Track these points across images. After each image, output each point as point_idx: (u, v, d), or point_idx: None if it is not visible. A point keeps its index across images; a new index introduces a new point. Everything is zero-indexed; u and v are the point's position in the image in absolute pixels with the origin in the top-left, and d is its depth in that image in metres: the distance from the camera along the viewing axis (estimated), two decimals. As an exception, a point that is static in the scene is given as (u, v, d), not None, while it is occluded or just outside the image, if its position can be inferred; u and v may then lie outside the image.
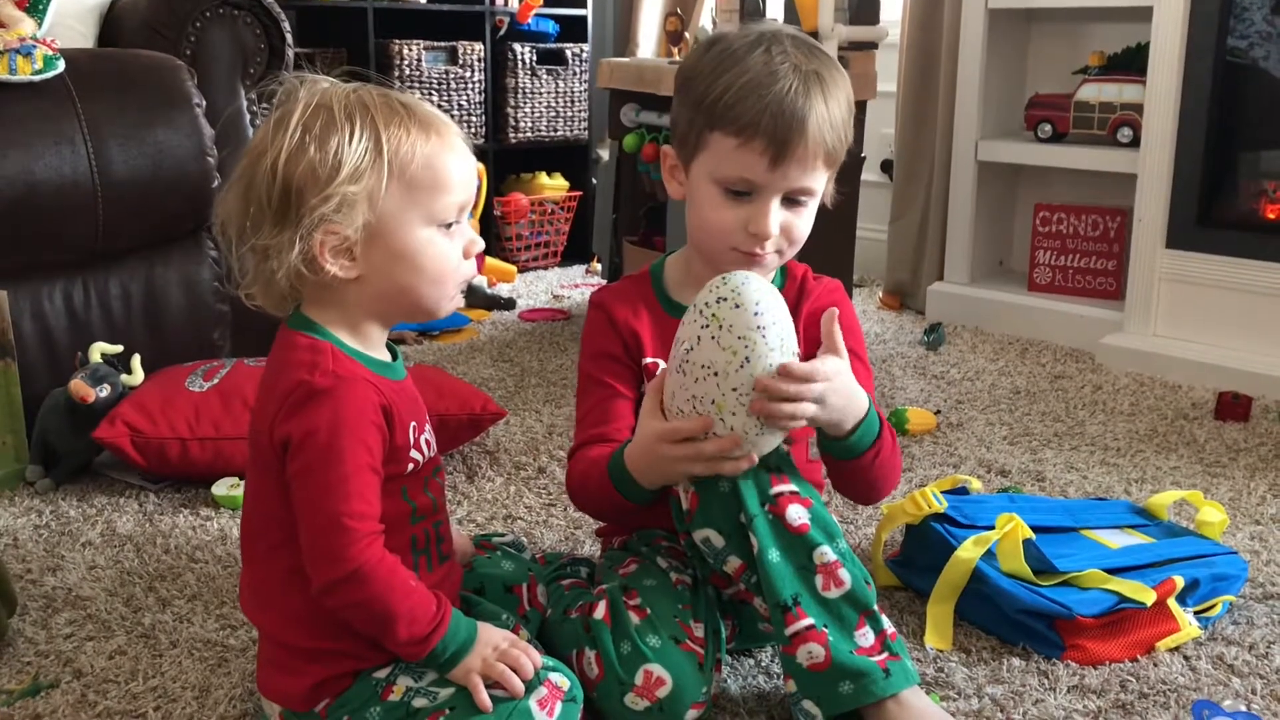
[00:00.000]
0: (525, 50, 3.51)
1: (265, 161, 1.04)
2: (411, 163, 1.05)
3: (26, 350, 1.90)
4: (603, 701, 1.17)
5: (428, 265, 1.08)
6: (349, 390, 1.04)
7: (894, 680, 1.14)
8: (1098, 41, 2.84)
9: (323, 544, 1.02)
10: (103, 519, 1.70)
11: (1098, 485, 1.88)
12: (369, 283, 1.07)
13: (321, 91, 1.06)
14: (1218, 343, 2.47)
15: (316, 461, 1.02)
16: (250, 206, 1.05)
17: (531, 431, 2.09)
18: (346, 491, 1.02)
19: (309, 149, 1.03)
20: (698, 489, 1.17)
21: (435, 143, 1.07)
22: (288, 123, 1.04)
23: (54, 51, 1.92)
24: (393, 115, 1.06)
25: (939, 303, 2.99)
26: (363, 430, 1.04)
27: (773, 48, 1.23)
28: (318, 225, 1.03)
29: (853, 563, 1.17)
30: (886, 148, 3.32)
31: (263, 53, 2.21)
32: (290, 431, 1.03)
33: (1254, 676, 1.31)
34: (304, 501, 1.03)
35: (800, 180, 1.23)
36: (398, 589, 1.03)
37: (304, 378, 1.04)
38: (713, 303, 1.12)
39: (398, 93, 1.10)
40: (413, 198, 1.06)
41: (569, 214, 3.64)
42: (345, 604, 1.03)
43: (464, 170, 1.09)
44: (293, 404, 1.03)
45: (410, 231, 1.06)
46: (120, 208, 1.94)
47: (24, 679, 1.28)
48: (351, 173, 1.03)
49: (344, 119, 1.04)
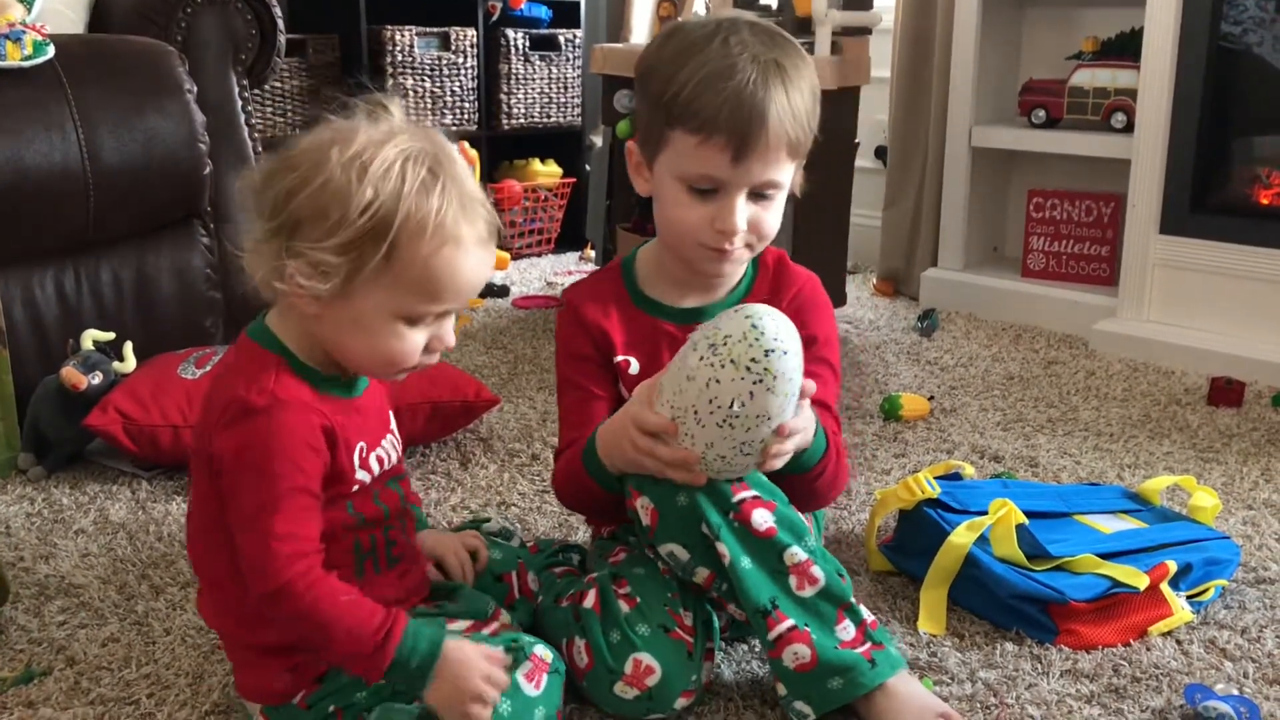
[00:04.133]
0: (518, 36, 3.49)
1: (289, 177, 1.00)
2: (411, 265, 1.00)
3: (18, 337, 1.89)
4: (592, 690, 1.17)
5: (380, 347, 1.04)
6: (284, 412, 1.01)
7: (880, 670, 1.14)
8: (1091, 27, 2.83)
9: (251, 560, 1.01)
10: (95, 506, 1.69)
11: (1091, 471, 1.88)
12: (324, 325, 1.04)
13: (377, 139, 1.01)
14: (1211, 328, 2.47)
15: (247, 481, 1.01)
16: (261, 197, 1.02)
17: (525, 418, 2.09)
18: (275, 512, 1.00)
19: (324, 193, 0.99)
20: (656, 504, 1.17)
21: (449, 251, 1.01)
22: (326, 153, 0.99)
23: (44, 37, 1.91)
24: (422, 205, 1.00)
25: (933, 289, 2.99)
26: (294, 452, 1.01)
27: (730, 37, 1.19)
28: (296, 259, 1.00)
29: (824, 559, 1.17)
30: (880, 134, 3.31)
31: (254, 39, 2.20)
32: (222, 447, 1.01)
33: (1246, 660, 1.31)
34: (235, 518, 1.02)
35: (764, 174, 1.21)
36: (331, 606, 1.00)
37: (240, 394, 1.01)
38: (732, 322, 1.10)
39: (453, 164, 1.04)
40: (395, 291, 1.01)
41: (562, 201, 3.64)
42: (280, 617, 1.02)
43: (467, 282, 1.04)
44: (228, 420, 1.01)
45: (377, 313, 1.02)
46: (111, 194, 1.93)
47: (17, 667, 1.28)
48: (344, 244, 0.98)
49: (374, 183, 0.98)
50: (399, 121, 1.04)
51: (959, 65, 2.88)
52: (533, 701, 1.07)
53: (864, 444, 1.98)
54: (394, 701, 1.07)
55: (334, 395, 1.07)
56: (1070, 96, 2.74)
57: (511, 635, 1.12)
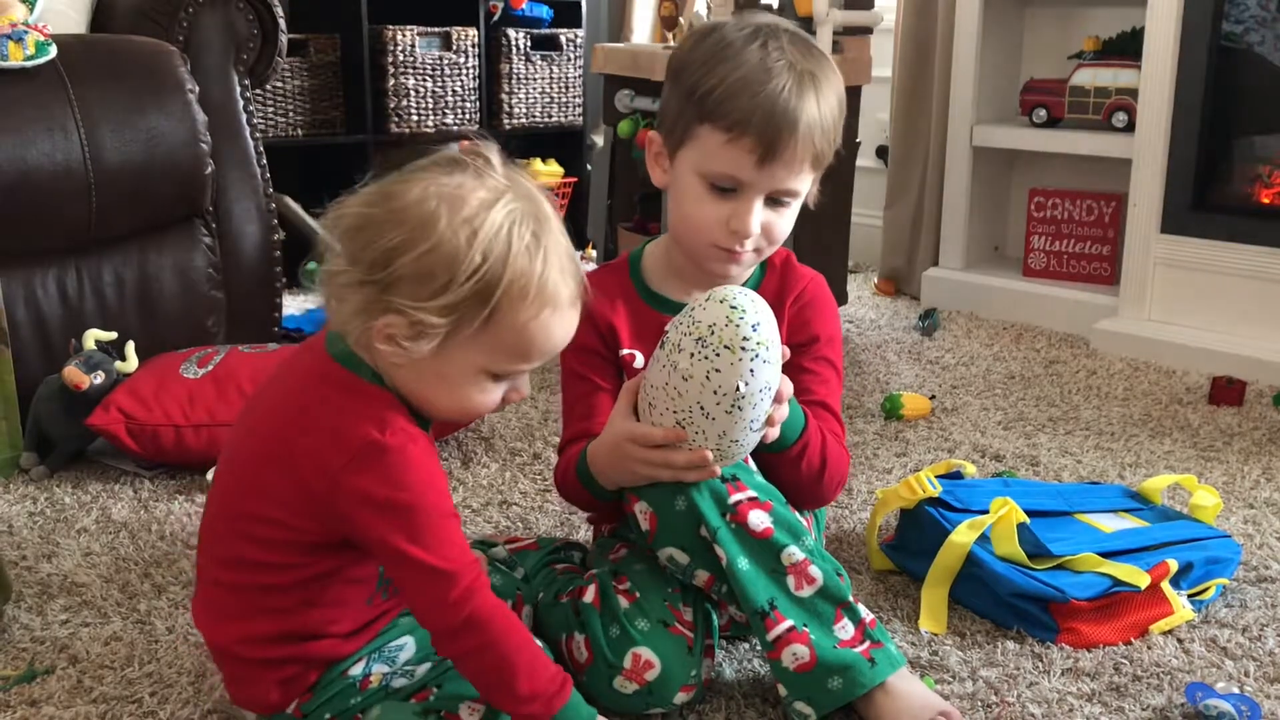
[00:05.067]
0: (519, 36, 3.49)
1: (393, 233, 0.97)
2: (511, 329, 0.99)
3: (20, 337, 1.89)
4: (592, 685, 1.17)
5: (462, 400, 1.04)
6: (415, 446, 1.01)
7: (880, 668, 1.14)
8: (1093, 26, 2.83)
9: (429, 595, 1.00)
10: (97, 505, 1.70)
11: (1092, 470, 1.88)
12: (405, 372, 1.02)
13: (484, 205, 0.98)
14: (1212, 327, 2.47)
15: (404, 521, 0.99)
16: (358, 242, 0.98)
17: (526, 417, 2.09)
18: (444, 543, 1.00)
19: (432, 256, 0.96)
20: (655, 509, 1.17)
21: (547, 314, 1.00)
22: (435, 213, 0.96)
23: (46, 37, 1.91)
24: (527, 269, 0.98)
25: (934, 288, 2.99)
26: (439, 480, 1.02)
27: (769, 43, 1.20)
28: (394, 314, 0.97)
29: (822, 558, 1.17)
30: (881, 133, 3.31)
31: (255, 38, 2.21)
32: (367, 491, 0.99)
33: (1247, 659, 1.32)
34: (400, 564, 1.00)
35: (785, 181, 1.22)
36: (515, 638, 1.01)
37: (375, 437, 0.99)
38: (708, 312, 1.10)
39: (551, 222, 1.02)
40: (486, 348, 1.00)
41: (564, 200, 3.64)
42: (464, 651, 1.01)
43: (559, 344, 1.04)
44: (361, 460, 0.99)
45: (465, 369, 1.02)
46: (113, 194, 1.94)
47: (20, 665, 1.28)
48: (448, 306, 0.97)
49: (483, 249, 0.96)
50: (501, 177, 1.02)
51: (960, 65, 2.88)
52: None
53: (865, 443, 1.98)
54: (393, 701, 1.08)
55: (423, 429, 1.06)
56: (1071, 96, 2.74)
57: None
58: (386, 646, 1.11)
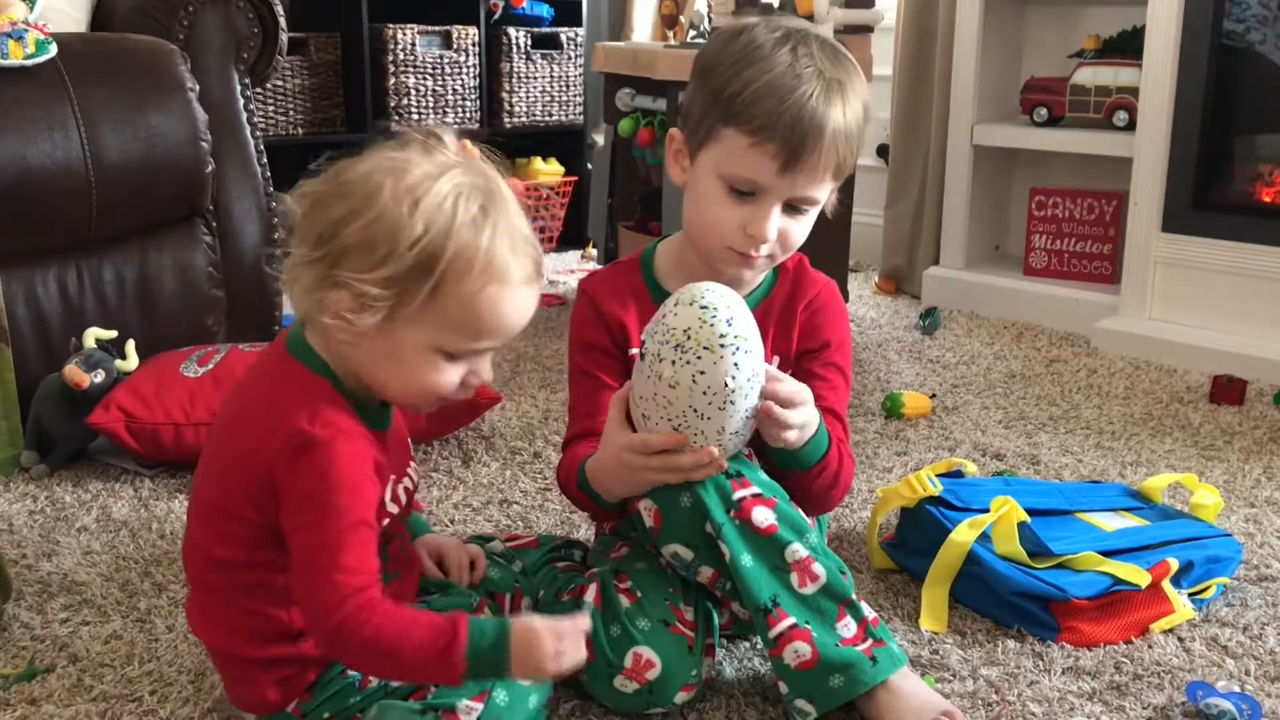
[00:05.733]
0: (520, 34, 3.49)
1: (339, 206, 0.98)
2: (456, 302, 0.99)
3: (20, 336, 1.89)
4: (592, 684, 1.18)
5: (417, 380, 1.03)
6: (345, 444, 1.00)
7: (882, 667, 1.14)
8: (1093, 25, 2.83)
9: (312, 596, 0.99)
10: (98, 504, 1.70)
11: (1092, 469, 1.88)
12: (359, 353, 1.03)
13: (430, 172, 0.99)
14: (1213, 326, 2.47)
15: (312, 517, 0.99)
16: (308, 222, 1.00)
17: (527, 416, 2.09)
18: (341, 547, 0.98)
19: (375, 226, 0.97)
20: (660, 506, 1.17)
21: (494, 289, 1.00)
22: (379, 184, 0.98)
23: (46, 36, 1.91)
24: (475, 237, 0.98)
25: (934, 287, 2.99)
26: (357, 483, 1.00)
27: (799, 48, 1.19)
28: (340, 289, 0.98)
29: (825, 555, 1.17)
30: (882, 132, 3.31)
31: (256, 37, 2.20)
32: (287, 482, 1.00)
33: (1248, 658, 1.31)
34: (299, 557, 1.00)
35: (806, 189, 1.21)
36: (394, 626, 0.99)
37: (304, 427, 0.99)
38: (680, 316, 1.10)
39: (504, 200, 1.02)
40: (437, 326, 1.00)
41: (564, 199, 3.64)
42: (346, 652, 1.01)
43: (510, 322, 1.03)
44: (291, 451, 0.99)
45: (416, 347, 1.01)
46: (114, 193, 1.94)
47: (20, 664, 1.28)
48: (390, 277, 0.97)
49: (425, 218, 0.97)
50: (453, 154, 1.03)
51: (961, 63, 2.88)
52: (527, 690, 1.08)
53: (866, 442, 1.98)
54: (392, 700, 1.07)
55: (371, 428, 1.06)
56: (1072, 94, 2.74)
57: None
58: None
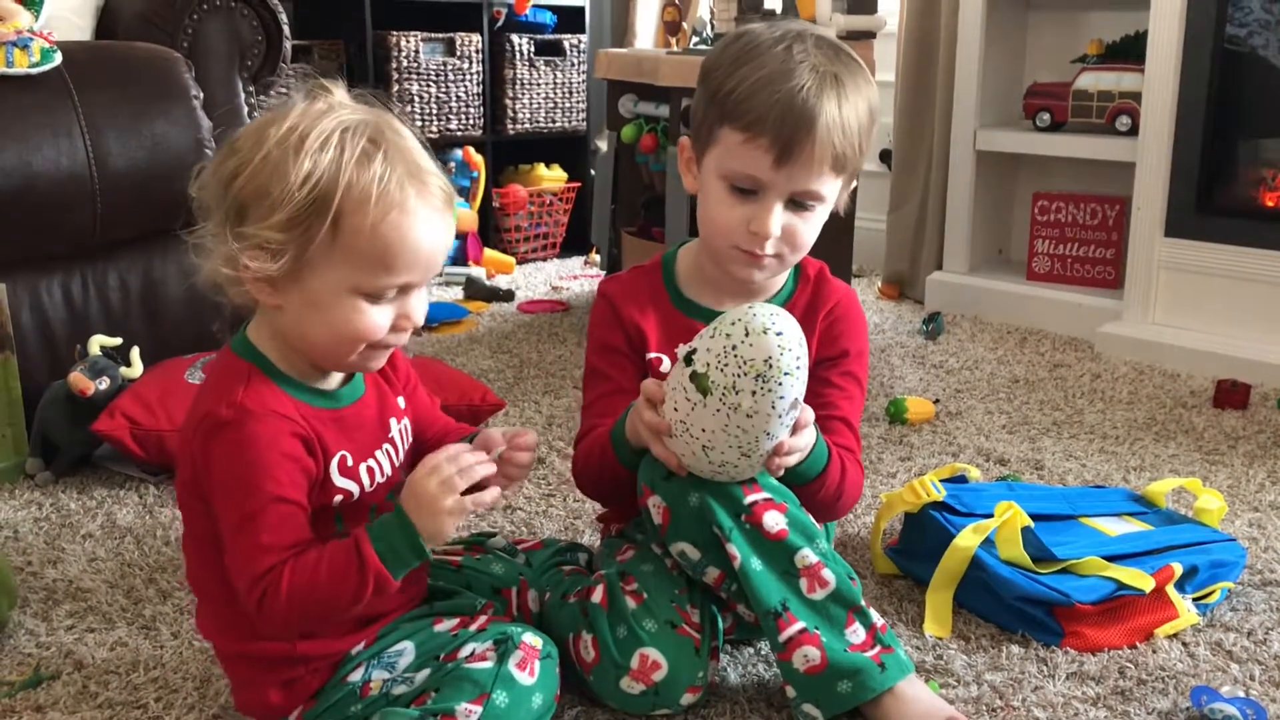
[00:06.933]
0: (523, 41, 3.50)
1: (230, 162, 1.00)
2: (359, 236, 0.99)
3: (25, 343, 1.90)
4: (598, 685, 1.18)
5: (339, 326, 1.02)
6: (253, 423, 1.01)
7: (890, 673, 1.14)
8: (1096, 30, 2.83)
9: (238, 574, 1.01)
10: (103, 511, 1.70)
11: (1096, 473, 1.88)
12: (286, 316, 1.03)
13: (314, 114, 1.00)
14: (1216, 331, 2.47)
15: (227, 496, 1.01)
16: (207, 191, 1.02)
17: (530, 423, 2.09)
18: (257, 525, 1.00)
19: (263, 172, 0.98)
20: (668, 504, 1.17)
21: (395, 217, 0.99)
22: (264, 133, 0.99)
23: (51, 44, 1.92)
24: (363, 174, 0.98)
25: (938, 292, 2.99)
26: (268, 461, 1.01)
27: (795, 46, 1.20)
28: (247, 247, 0.99)
29: (835, 561, 1.17)
30: (885, 137, 3.31)
31: (260, 45, 2.21)
32: (204, 466, 1.02)
33: (1252, 662, 1.31)
34: (224, 539, 1.02)
35: (805, 183, 1.21)
36: (304, 573, 1.00)
37: (209, 408, 1.01)
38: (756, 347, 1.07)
39: (397, 135, 1.02)
40: (347, 265, 1.00)
41: (567, 205, 3.64)
42: (274, 620, 1.02)
43: (421, 250, 1.02)
44: (202, 435, 1.01)
45: (333, 291, 1.01)
46: (118, 200, 1.94)
47: (25, 670, 1.28)
48: (288, 219, 0.97)
49: (312, 155, 0.97)
50: (340, 98, 1.04)
51: (963, 68, 2.88)
52: (529, 690, 1.07)
53: (870, 447, 1.98)
54: (394, 708, 1.08)
55: (314, 405, 1.06)
56: (1075, 99, 2.74)
57: (500, 627, 1.11)
58: (385, 652, 1.11)
